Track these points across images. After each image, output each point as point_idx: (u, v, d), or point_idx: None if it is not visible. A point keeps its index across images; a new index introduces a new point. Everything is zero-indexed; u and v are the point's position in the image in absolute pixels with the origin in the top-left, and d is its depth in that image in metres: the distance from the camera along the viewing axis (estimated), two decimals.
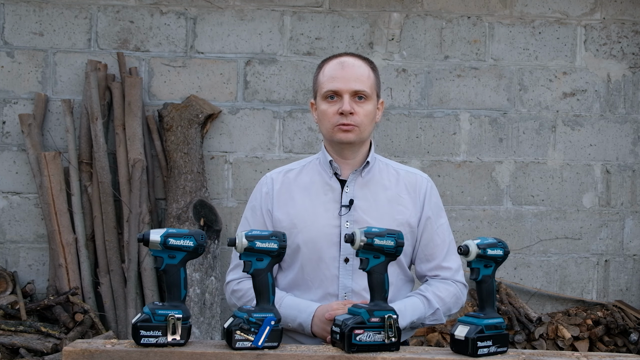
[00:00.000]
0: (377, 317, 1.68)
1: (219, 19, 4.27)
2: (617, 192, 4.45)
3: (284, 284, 2.09)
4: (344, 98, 2.00)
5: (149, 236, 1.68)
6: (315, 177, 2.10)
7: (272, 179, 2.13)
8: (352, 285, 1.99)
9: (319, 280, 2.01)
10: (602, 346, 4.19)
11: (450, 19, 4.36)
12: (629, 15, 4.43)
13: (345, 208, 2.02)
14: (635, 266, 4.48)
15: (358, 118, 2.01)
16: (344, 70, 2.02)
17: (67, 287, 3.98)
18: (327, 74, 2.04)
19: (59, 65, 4.21)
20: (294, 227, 2.03)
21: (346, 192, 2.04)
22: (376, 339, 1.67)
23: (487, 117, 4.38)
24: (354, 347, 1.66)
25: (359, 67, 2.05)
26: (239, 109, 4.28)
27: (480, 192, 4.38)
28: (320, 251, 2.01)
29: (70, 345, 1.67)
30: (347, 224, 2.01)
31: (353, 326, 1.66)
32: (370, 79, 2.06)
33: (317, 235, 2.01)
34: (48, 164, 4.02)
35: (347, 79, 2.01)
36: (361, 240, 1.71)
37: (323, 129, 2.06)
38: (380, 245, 1.72)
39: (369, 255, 1.72)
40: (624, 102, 4.44)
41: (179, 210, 4.01)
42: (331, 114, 2.01)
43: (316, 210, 2.04)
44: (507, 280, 4.38)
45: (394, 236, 1.74)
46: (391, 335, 1.68)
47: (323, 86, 2.04)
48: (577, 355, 1.74)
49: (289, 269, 2.08)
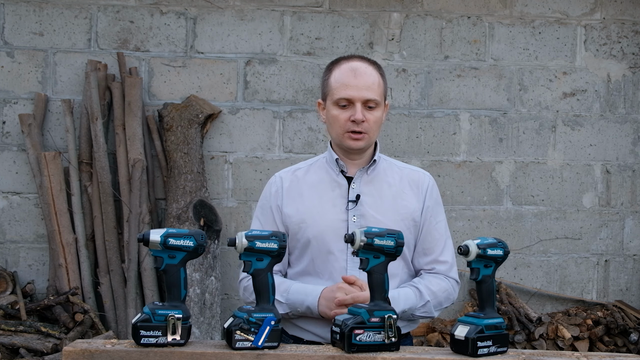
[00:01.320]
0: (377, 317, 1.69)
1: (219, 19, 4.27)
2: (617, 192, 4.45)
3: (293, 274, 2.16)
4: (356, 106, 2.07)
5: (149, 236, 1.68)
6: (322, 174, 2.18)
7: (281, 177, 2.23)
8: (359, 276, 2.02)
9: (328, 272, 2.07)
10: (602, 346, 4.19)
11: (450, 19, 4.36)
12: (629, 15, 4.43)
13: (352, 203, 2.09)
14: (635, 266, 4.48)
15: (368, 125, 2.09)
16: (356, 78, 2.08)
17: (67, 287, 3.98)
18: (339, 80, 2.09)
19: (59, 65, 4.21)
20: (303, 222, 2.10)
21: (353, 188, 2.12)
22: (376, 339, 1.68)
23: (487, 117, 4.38)
24: (354, 347, 1.66)
25: (370, 75, 2.11)
26: (239, 109, 4.28)
27: (480, 192, 4.38)
28: (329, 244, 2.07)
29: (70, 345, 1.67)
30: (354, 218, 2.08)
31: (353, 326, 1.67)
32: (380, 86, 2.14)
33: (326, 229, 2.08)
34: (48, 164, 4.02)
35: (360, 87, 2.07)
36: (361, 240, 1.72)
37: (333, 133, 2.13)
38: (380, 245, 1.73)
39: (369, 255, 1.74)
40: (624, 102, 4.44)
41: (179, 210, 4.01)
42: (342, 120, 2.08)
43: (324, 205, 2.11)
44: (507, 280, 4.38)
45: (394, 236, 1.76)
46: (391, 335, 1.69)
47: (335, 92, 2.09)
48: (577, 355, 1.74)
49: (299, 262, 2.13)
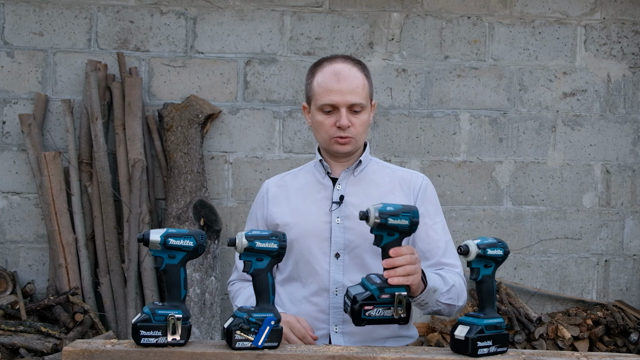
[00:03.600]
0: (388, 293, 1.71)
1: (219, 19, 4.27)
2: (617, 192, 4.45)
3: (280, 280, 2.13)
4: (341, 112, 2.00)
5: (149, 236, 1.68)
6: (309, 178, 2.15)
7: (268, 184, 2.22)
8: (342, 280, 2.01)
9: (312, 275, 2.04)
10: (602, 346, 4.19)
11: (450, 19, 4.36)
12: (629, 15, 4.43)
13: (335, 204, 2.04)
14: (635, 266, 4.48)
15: (354, 130, 2.03)
16: (339, 82, 2.00)
17: (67, 287, 3.98)
18: (322, 85, 2.03)
19: (59, 65, 4.21)
20: (286, 225, 2.07)
21: (337, 189, 2.07)
22: (385, 314, 1.70)
23: (487, 117, 4.38)
24: (363, 321, 1.69)
25: (354, 78, 2.02)
26: (239, 109, 4.28)
27: (480, 192, 4.38)
28: (312, 247, 2.03)
29: (70, 345, 1.67)
30: (337, 219, 2.03)
31: (362, 302, 1.69)
32: (365, 88, 2.05)
33: (308, 231, 2.04)
34: (48, 164, 4.02)
35: (344, 92, 2.00)
36: (375, 218, 1.72)
37: (319, 138, 2.09)
38: (394, 224, 1.73)
39: (383, 232, 1.74)
40: (624, 102, 4.44)
41: (179, 210, 4.01)
42: (328, 126, 2.03)
43: (308, 207, 2.08)
44: (507, 280, 4.38)
45: (409, 215, 1.75)
46: (400, 312, 1.71)
47: (319, 98, 2.03)
48: (577, 355, 1.74)
49: (285, 265, 2.11)
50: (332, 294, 2.01)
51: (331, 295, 2.01)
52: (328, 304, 2.02)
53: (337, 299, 2.00)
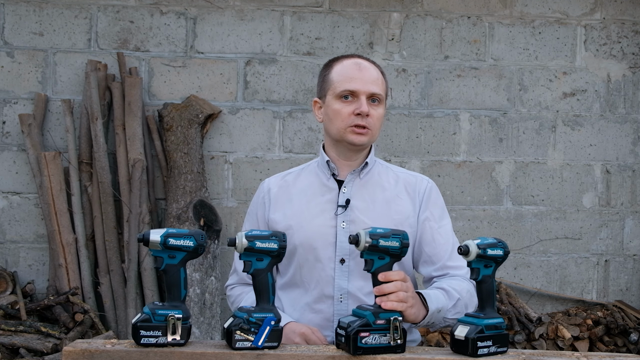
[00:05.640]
0: (383, 319, 1.67)
1: (219, 19, 4.27)
2: (617, 192, 4.45)
3: (281, 284, 2.08)
4: (361, 99, 1.97)
5: (149, 236, 1.68)
6: (313, 179, 2.09)
7: (269, 183, 2.14)
8: (347, 286, 1.97)
9: (315, 281, 1.99)
10: (602, 346, 4.19)
11: (450, 19, 4.36)
12: (629, 15, 4.43)
13: (341, 208, 2.00)
14: (635, 266, 4.48)
15: (372, 121, 1.99)
16: (361, 71, 1.99)
17: (67, 287, 3.98)
18: (342, 74, 2.00)
19: (59, 65, 4.21)
20: (290, 228, 2.01)
21: (343, 192, 2.02)
22: (382, 341, 1.65)
23: (487, 117, 4.38)
24: (359, 349, 1.64)
25: (374, 70, 2.03)
26: (239, 109, 4.28)
27: (480, 192, 4.38)
28: (316, 251, 1.99)
29: (70, 345, 1.67)
30: (343, 224, 1.99)
31: (359, 329, 1.64)
32: (383, 83, 2.04)
33: (313, 235, 1.99)
34: (48, 164, 4.02)
35: (365, 80, 1.98)
36: (366, 241, 1.68)
37: (333, 128, 2.01)
38: (385, 246, 1.70)
39: (373, 256, 1.70)
40: (624, 102, 4.44)
41: (179, 210, 4.01)
42: (346, 114, 1.98)
43: (312, 211, 2.02)
44: (507, 280, 4.38)
45: (399, 237, 1.72)
46: (397, 337, 1.67)
47: (338, 85, 1.99)
48: (577, 355, 1.74)
49: (286, 271, 2.06)
50: (336, 301, 1.98)
51: (335, 302, 1.98)
52: (332, 311, 1.98)
53: (342, 306, 1.97)
